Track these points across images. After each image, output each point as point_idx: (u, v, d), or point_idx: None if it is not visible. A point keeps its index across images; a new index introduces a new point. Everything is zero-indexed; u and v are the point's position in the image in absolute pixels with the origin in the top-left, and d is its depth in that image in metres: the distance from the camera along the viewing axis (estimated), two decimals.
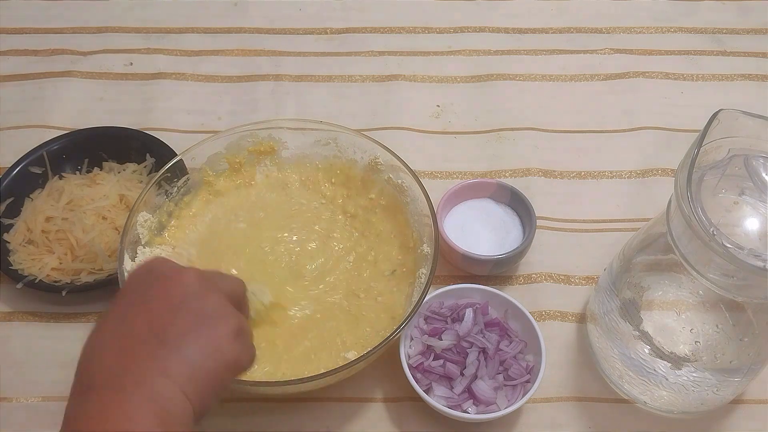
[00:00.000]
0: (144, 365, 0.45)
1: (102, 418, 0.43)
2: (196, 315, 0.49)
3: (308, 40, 1.04)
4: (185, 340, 0.47)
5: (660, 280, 0.69)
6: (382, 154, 0.78)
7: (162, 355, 0.46)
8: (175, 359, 0.46)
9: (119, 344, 0.47)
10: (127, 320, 0.48)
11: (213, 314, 0.49)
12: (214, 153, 0.79)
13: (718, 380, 0.66)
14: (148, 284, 0.50)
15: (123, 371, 0.45)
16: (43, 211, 0.79)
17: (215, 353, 0.48)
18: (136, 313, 0.48)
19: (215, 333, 0.48)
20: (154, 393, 0.44)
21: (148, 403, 0.44)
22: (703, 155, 0.58)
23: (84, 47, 1.01)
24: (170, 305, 0.49)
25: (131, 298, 0.50)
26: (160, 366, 0.45)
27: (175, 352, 0.46)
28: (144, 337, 0.47)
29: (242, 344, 0.51)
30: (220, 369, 0.48)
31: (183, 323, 0.48)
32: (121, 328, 0.48)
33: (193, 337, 0.47)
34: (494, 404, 0.68)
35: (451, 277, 0.80)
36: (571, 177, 0.89)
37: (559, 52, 1.02)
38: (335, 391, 0.72)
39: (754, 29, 1.06)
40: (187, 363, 0.46)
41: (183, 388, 0.45)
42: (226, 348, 0.49)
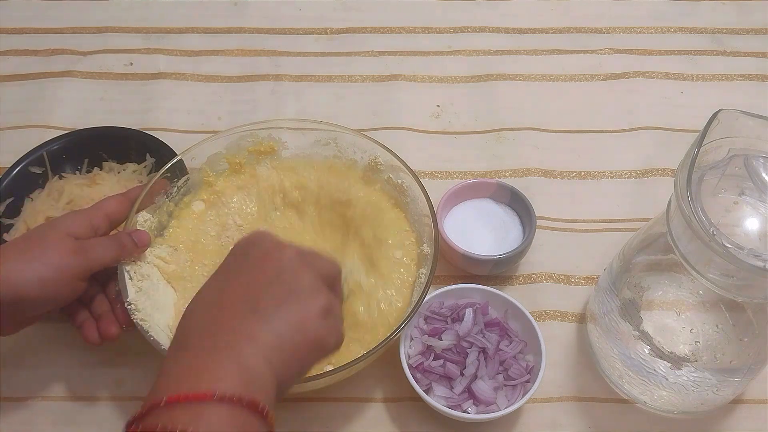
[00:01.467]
0: (234, 330, 0.48)
1: (191, 376, 0.46)
2: (288, 289, 0.52)
3: (308, 40, 1.04)
4: (275, 311, 0.50)
5: (660, 280, 0.69)
6: (382, 154, 0.78)
7: (252, 322, 0.49)
8: (264, 328, 0.49)
9: (215, 309, 0.50)
10: (225, 288, 0.52)
11: (304, 290, 0.52)
12: (214, 153, 0.79)
13: (718, 380, 0.66)
14: (248, 255, 0.54)
15: (215, 334, 0.48)
16: (43, 211, 0.79)
17: (302, 328, 0.50)
18: (233, 282, 0.52)
19: (304, 308, 0.51)
20: (242, 356, 0.47)
21: (235, 366, 0.46)
22: (703, 155, 0.58)
23: (84, 47, 1.02)
24: (266, 277, 0.52)
25: (232, 267, 0.54)
26: (249, 332, 0.48)
27: (264, 321, 0.49)
28: (238, 305, 0.50)
29: (330, 324, 0.53)
30: (304, 344, 0.50)
31: (275, 295, 0.51)
32: (219, 295, 0.52)
33: (283, 310, 0.50)
34: (494, 404, 0.68)
35: (451, 277, 0.80)
36: (571, 177, 0.89)
37: (559, 52, 1.02)
38: (335, 391, 0.72)
39: (754, 29, 1.06)
40: (275, 333, 0.49)
41: (268, 356, 0.48)
42: (312, 324, 0.51)
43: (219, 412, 0.44)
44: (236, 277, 0.53)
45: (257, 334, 0.48)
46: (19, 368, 0.74)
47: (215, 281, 0.53)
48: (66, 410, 0.71)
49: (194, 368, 0.46)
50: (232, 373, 0.46)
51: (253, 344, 0.48)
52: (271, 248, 0.54)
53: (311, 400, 0.72)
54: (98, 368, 0.73)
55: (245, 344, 0.48)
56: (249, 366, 0.47)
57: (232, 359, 0.47)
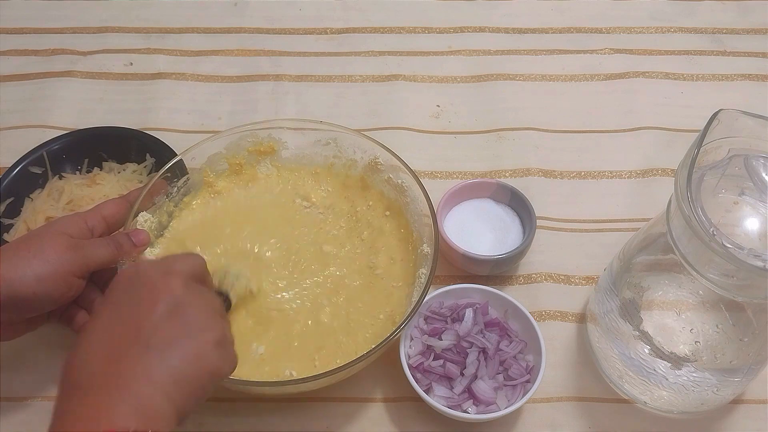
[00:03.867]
0: (129, 369, 0.48)
1: (86, 418, 0.45)
2: (181, 323, 0.51)
3: (308, 40, 1.04)
4: (170, 346, 0.49)
5: (660, 280, 0.69)
6: (382, 154, 0.78)
7: (147, 360, 0.48)
8: (160, 365, 0.48)
9: (106, 348, 0.49)
10: (114, 325, 0.51)
11: (197, 323, 0.52)
12: (214, 153, 0.79)
13: (718, 380, 0.66)
14: (134, 289, 0.53)
15: (109, 374, 0.47)
16: (43, 211, 0.79)
17: (198, 361, 0.50)
18: (124, 318, 0.51)
19: (199, 341, 0.51)
20: (138, 396, 0.46)
21: (131, 407, 0.46)
22: (703, 155, 0.58)
23: (84, 47, 1.02)
24: (157, 311, 0.51)
25: (118, 303, 0.52)
26: (145, 371, 0.48)
27: (160, 357, 0.49)
28: (131, 342, 0.49)
29: (224, 352, 0.53)
30: (202, 376, 0.50)
31: (169, 330, 0.50)
32: (109, 333, 0.50)
33: (178, 345, 0.50)
34: (494, 404, 0.68)
35: (451, 277, 0.80)
36: (571, 177, 0.89)
37: (559, 52, 1.02)
38: (335, 391, 0.72)
39: (754, 29, 1.06)
40: (171, 369, 0.49)
41: (166, 392, 0.48)
42: (208, 356, 0.51)
43: None
44: (126, 311, 0.51)
45: (153, 371, 0.48)
46: (19, 369, 0.74)
47: (103, 317, 0.52)
48: None
49: (88, 410, 0.46)
50: (128, 414, 0.45)
51: (149, 383, 0.47)
52: (157, 279, 0.53)
53: (311, 400, 0.72)
54: None
55: (142, 383, 0.47)
56: (147, 405, 0.46)
57: (130, 399, 0.46)
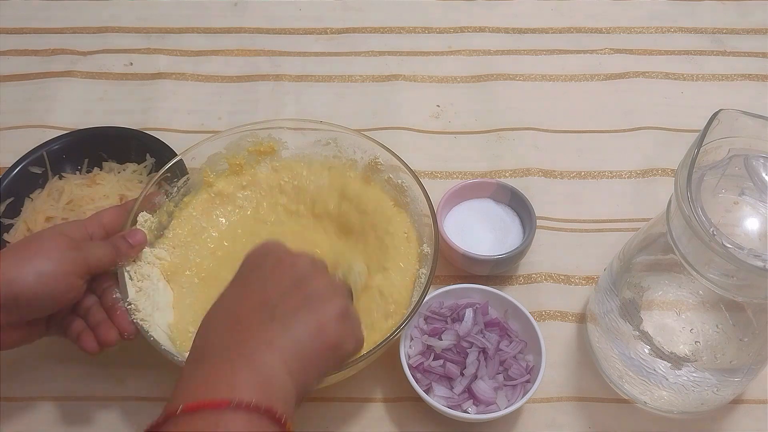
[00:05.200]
0: (253, 339, 0.49)
1: (208, 385, 0.46)
2: (304, 295, 0.53)
3: (308, 40, 1.04)
4: (293, 317, 0.51)
5: (660, 280, 0.69)
6: (382, 154, 0.77)
7: (271, 330, 0.50)
8: (282, 335, 0.50)
9: (232, 320, 0.51)
10: (241, 298, 0.53)
11: (320, 296, 0.53)
12: (214, 153, 0.79)
13: (718, 380, 0.66)
14: (263, 265, 0.55)
15: (234, 343, 0.49)
16: (43, 211, 0.79)
17: (320, 333, 0.51)
18: (250, 291, 0.53)
19: (321, 313, 0.52)
20: (260, 364, 0.47)
21: (253, 374, 0.47)
22: (703, 155, 0.58)
23: (84, 47, 1.02)
24: (282, 285, 0.53)
25: (247, 278, 0.55)
26: (267, 340, 0.49)
27: (282, 328, 0.50)
28: (255, 314, 0.51)
29: (348, 327, 0.54)
30: (323, 349, 0.51)
31: (292, 302, 0.52)
32: (235, 305, 0.52)
33: (301, 316, 0.51)
34: (494, 404, 0.68)
35: (451, 277, 0.80)
36: (571, 177, 0.89)
37: (559, 52, 1.02)
38: (335, 391, 0.72)
39: (754, 29, 1.06)
40: (293, 339, 0.50)
41: (287, 363, 0.48)
42: (330, 329, 0.52)
43: (236, 419, 0.44)
44: (251, 287, 0.53)
45: (275, 341, 0.49)
46: (19, 369, 0.74)
47: (230, 292, 0.54)
48: (66, 410, 0.71)
49: (211, 377, 0.47)
50: (250, 382, 0.46)
51: (271, 352, 0.48)
52: (284, 257, 0.55)
53: (311, 400, 0.72)
54: (98, 368, 0.73)
55: (263, 352, 0.48)
56: (267, 374, 0.47)
57: (249, 368, 0.47)
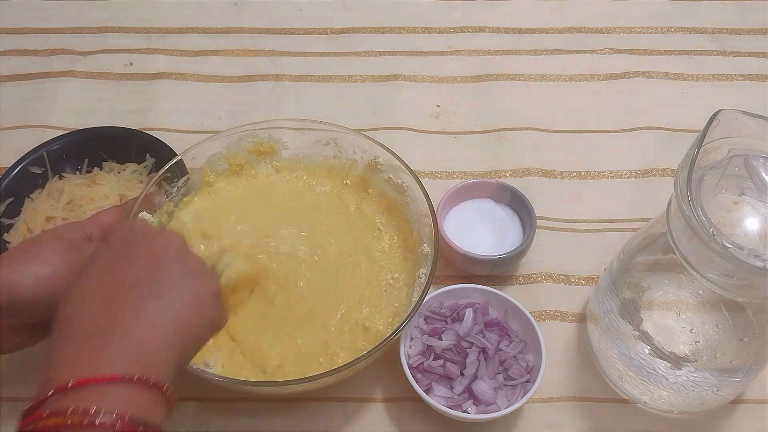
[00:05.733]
0: (130, 314, 0.48)
1: (86, 362, 0.45)
2: (181, 270, 0.51)
3: (308, 40, 1.04)
4: (172, 292, 0.50)
5: (660, 280, 0.69)
6: (382, 154, 0.78)
7: (148, 305, 0.48)
8: (161, 309, 0.49)
9: (105, 296, 0.49)
10: (112, 274, 0.50)
11: (197, 271, 0.53)
12: (214, 153, 0.79)
13: (718, 380, 0.66)
14: (131, 242, 0.53)
15: (108, 320, 0.47)
16: (43, 211, 0.79)
17: (199, 308, 0.51)
18: (121, 267, 0.51)
19: (200, 289, 0.52)
20: (140, 340, 0.47)
21: (134, 349, 0.46)
22: (703, 155, 0.58)
23: (84, 47, 1.02)
24: (156, 260, 0.51)
25: (115, 254, 0.52)
26: (147, 315, 0.48)
27: (161, 302, 0.49)
28: (131, 290, 0.49)
29: (221, 306, 0.54)
30: (201, 324, 0.51)
31: (169, 277, 0.51)
32: (107, 281, 0.50)
33: (179, 290, 0.50)
34: (494, 404, 0.68)
35: (451, 277, 0.80)
36: (571, 177, 0.89)
37: (559, 52, 1.02)
38: (335, 391, 0.72)
39: (754, 29, 1.06)
40: (173, 313, 0.49)
41: (167, 338, 0.48)
42: (208, 305, 0.52)
43: (127, 391, 0.45)
44: (124, 261, 0.51)
45: (153, 316, 0.48)
46: (20, 369, 0.73)
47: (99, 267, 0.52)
48: None
49: (92, 354, 0.46)
50: (130, 358, 0.46)
51: (150, 327, 0.48)
52: (156, 235, 0.54)
53: (311, 400, 0.72)
54: None
55: (143, 327, 0.48)
56: (147, 349, 0.47)
57: (129, 343, 0.47)
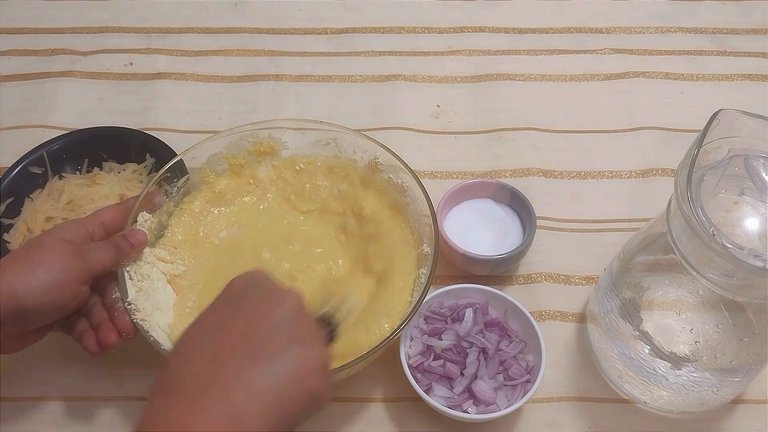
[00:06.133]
0: (232, 377, 0.46)
1: (176, 418, 0.44)
2: (291, 338, 0.49)
3: (308, 40, 1.04)
4: (277, 360, 0.47)
5: (660, 280, 0.69)
6: (382, 154, 0.77)
7: (252, 370, 0.46)
8: (264, 377, 0.46)
9: (212, 352, 0.47)
10: (223, 329, 0.49)
11: (307, 341, 0.49)
12: (214, 153, 0.79)
13: (718, 380, 0.66)
14: (248, 297, 0.51)
15: (209, 379, 0.45)
16: (43, 211, 0.79)
17: (303, 381, 0.48)
18: (233, 324, 0.49)
19: (306, 359, 0.48)
20: (234, 408, 0.44)
21: (225, 414, 0.44)
22: (703, 155, 0.58)
23: (84, 47, 1.02)
24: (268, 323, 0.49)
25: (230, 308, 0.50)
26: (248, 381, 0.46)
27: (265, 369, 0.46)
28: (237, 350, 0.47)
29: (326, 379, 0.50)
30: (302, 397, 0.48)
31: (277, 343, 0.48)
32: (216, 337, 0.48)
33: (286, 358, 0.47)
34: (494, 404, 0.68)
35: (451, 277, 0.80)
36: (571, 177, 0.89)
37: (559, 52, 1.02)
38: (335, 391, 0.72)
39: (754, 29, 1.06)
40: (275, 383, 0.46)
41: (265, 407, 0.45)
42: (313, 378, 0.48)
43: None
44: (234, 319, 0.49)
45: (255, 383, 0.46)
46: (19, 369, 0.73)
47: (209, 320, 0.50)
48: (66, 410, 0.71)
49: (185, 410, 0.44)
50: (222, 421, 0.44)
51: (249, 394, 0.45)
52: (273, 292, 0.51)
53: None
54: (98, 368, 0.73)
55: (242, 393, 0.45)
56: (241, 419, 0.44)
57: (225, 409, 0.44)
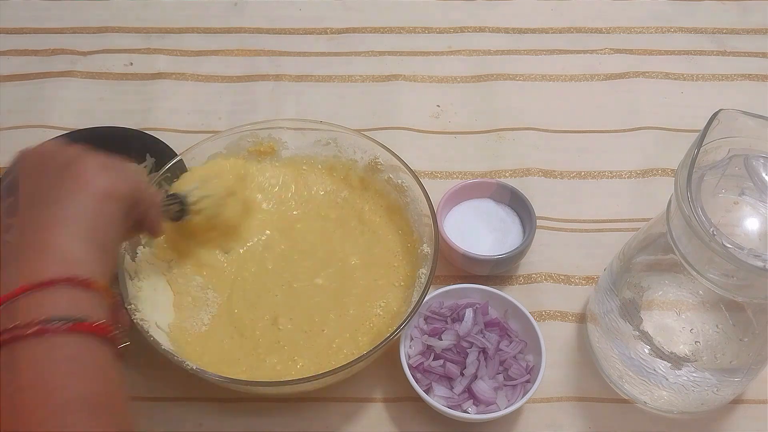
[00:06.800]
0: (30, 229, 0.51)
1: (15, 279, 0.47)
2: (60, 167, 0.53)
3: (308, 40, 1.04)
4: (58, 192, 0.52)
5: (660, 280, 0.69)
6: (382, 154, 0.78)
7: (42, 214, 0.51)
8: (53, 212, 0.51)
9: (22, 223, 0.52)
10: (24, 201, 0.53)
11: (74, 158, 0.54)
12: (214, 153, 0.79)
13: (718, 380, 0.66)
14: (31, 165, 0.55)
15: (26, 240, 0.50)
16: None
17: (86, 189, 0.53)
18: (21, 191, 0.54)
19: (79, 173, 0.53)
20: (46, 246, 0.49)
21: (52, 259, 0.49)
22: (703, 155, 0.58)
23: (84, 47, 1.02)
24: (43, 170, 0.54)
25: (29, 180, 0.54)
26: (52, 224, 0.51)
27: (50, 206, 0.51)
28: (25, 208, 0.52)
29: (113, 172, 0.55)
30: (96, 202, 0.53)
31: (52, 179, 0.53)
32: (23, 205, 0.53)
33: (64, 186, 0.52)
34: (494, 404, 0.68)
35: (451, 277, 0.80)
36: (571, 177, 0.89)
37: (559, 52, 1.02)
38: (335, 391, 0.72)
39: (754, 29, 1.06)
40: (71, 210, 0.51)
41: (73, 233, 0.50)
42: (94, 181, 0.53)
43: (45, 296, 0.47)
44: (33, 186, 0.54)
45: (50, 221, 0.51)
46: None
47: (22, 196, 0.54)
48: None
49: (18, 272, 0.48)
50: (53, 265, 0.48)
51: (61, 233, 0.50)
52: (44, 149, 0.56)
53: (311, 400, 0.72)
54: None
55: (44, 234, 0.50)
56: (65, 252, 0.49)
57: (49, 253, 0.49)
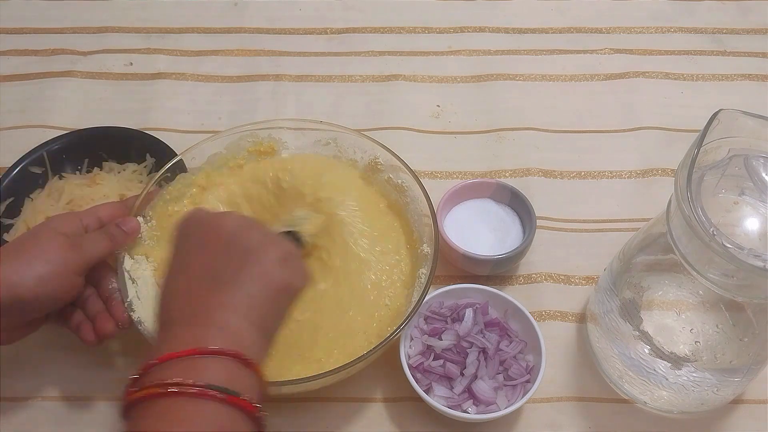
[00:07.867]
0: (207, 303, 0.52)
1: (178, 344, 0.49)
2: (243, 250, 0.54)
3: (308, 40, 1.04)
4: (238, 275, 0.53)
5: (660, 280, 0.69)
6: (382, 154, 0.78)
7: (221, 293, 0.52)
8: (232, 293, 0.52)
9: (185, 288, 0.54)
10: (186, 270, 0.55)
11: (258, 246, 0.55)
12: (214, 153, 0.79)
13: (718, 380, 0.66)
14: (193, 234, 0.57)
15: (192, 310, 0.52)
16: (43, 211, 0.79)
17: (266, 280, 0.54)
18: (190, 262, 0.55)
19: (262, 262, 0.54)
20: (221, 323, 0.51)
21: (219, 332, 0.50)
22: (703, 155, 0.58)
23: (84, 47, 1.02)
24: (218, 249, 0.55)
25: (186, 247, 0.56)
26: (222, 302, 0.52)
27: (232, 288, 0.52)
28: (203, 284, 0.53)
29: (291, 267, 0.56)
30: (272, 293, 0.54)
31: (233, 263, 0.54)
32: (183, 278, 0.54)
33: (245, 271, 0.53)
34: (494, 404, 0.68)
35: (451, 277, 0.80)
36: (571, 177, 0.89)
37: (559, 52, 1.02)
38: (335, 391, 0.72)
39: (754, 29, 1.06)
40: (243, 294, 0.52)
41: (245, 316, 0.52)
42: (274, 273, 0.54)
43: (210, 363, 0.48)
44: (190, 257, 0.55)
45: (228, 301, 0.52)
46: (18, 369, 0.74)
47: (175, 266, 0.56)
48: (65, 411, 0.71)
49: (183, 337, 0.50)
50: (218, 337, 0.49)
51: (228, 311, 0.51)
52: (210, 220, 0.57)
53: (311, 400, 0.72)
54: (97, 368, 0.73)
55: (222, 312, 0.51)
56: (230, 329, 0.50)
57: (213, 327, 0.50)
